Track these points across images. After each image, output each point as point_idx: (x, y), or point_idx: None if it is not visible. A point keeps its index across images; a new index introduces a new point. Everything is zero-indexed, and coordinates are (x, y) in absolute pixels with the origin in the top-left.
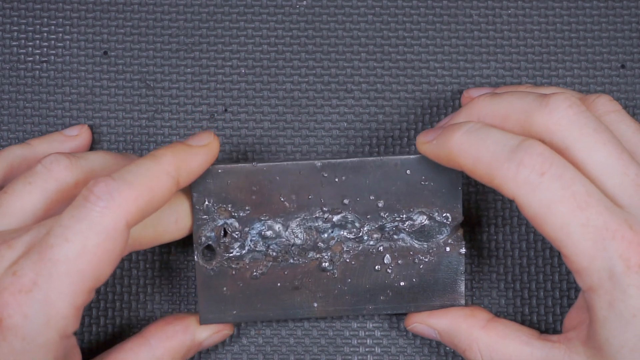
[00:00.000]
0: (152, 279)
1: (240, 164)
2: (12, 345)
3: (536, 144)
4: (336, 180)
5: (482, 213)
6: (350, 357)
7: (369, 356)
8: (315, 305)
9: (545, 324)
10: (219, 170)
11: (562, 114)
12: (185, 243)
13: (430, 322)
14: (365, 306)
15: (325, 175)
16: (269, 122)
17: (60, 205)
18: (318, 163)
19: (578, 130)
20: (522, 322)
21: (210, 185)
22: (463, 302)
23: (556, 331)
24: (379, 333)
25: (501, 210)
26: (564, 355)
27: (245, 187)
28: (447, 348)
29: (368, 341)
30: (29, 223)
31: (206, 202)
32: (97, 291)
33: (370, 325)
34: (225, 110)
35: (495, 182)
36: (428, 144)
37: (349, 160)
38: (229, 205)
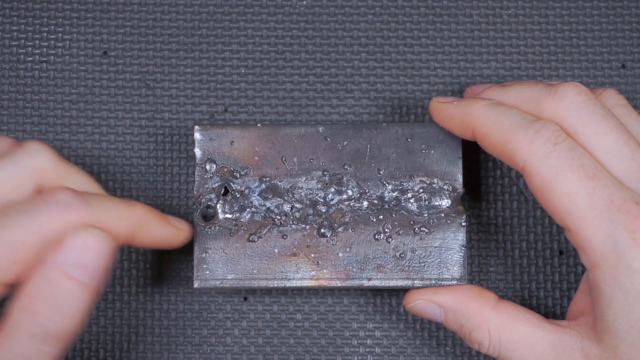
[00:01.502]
0: (152, 279)
1: (244, 125)
2: None
3: (553, 123)
4: (338, 145)
5: (483, 213)
6: (350, 357)
7: (369, 356)
8: (313, 273)
9: (545, 316)
10: (224, 130)
11: (571, 101)
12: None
13: (436, 299)
14: (363, 278)
15: (328, 139)
16: (269, 122)
17: None
18: (321, 128)
19: (587, 116)
20: None
21: (214, 144)
22: (465, 277)
23: None
24: (379, 333)
25: (501, 210)
26: (576, 339)
27: (248, 148)
28: (448, 348)
29: (368, 341)
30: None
31: (208, 161)
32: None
33: (371, 326)
34: (225, 110)
35: (508, 146)
36: (446, 104)
37: (351, 125)
38: (231, 165)
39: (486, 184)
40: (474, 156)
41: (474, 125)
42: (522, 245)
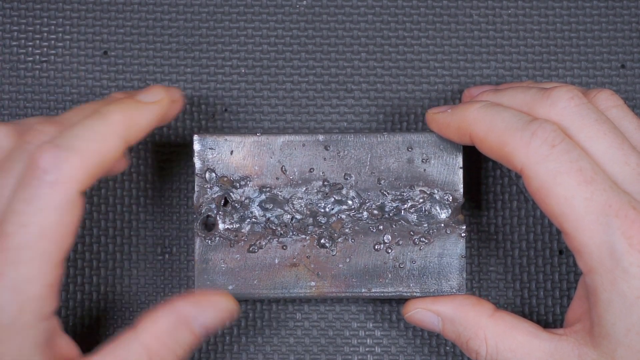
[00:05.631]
0: (152, 279)
1: (244, 134)
2: None
3: (550, 122)
4: (338, 155)
5: (483, 213)
6: (350, 357)
7: (369, 356)
8: (313, 284)
9: (545, 324)
10: (224, 140)
11: (563, 105)
12: (186, 242)
13: (434, 308)
14: (363, 289)
15: (328, 149)
16: (269, 122)
17: None
18: (321, 137)
19: (580, 121)
20: None
21: (214, 154)
22: (465, 287)
23: None
24: (379, 333)
25: (501, 210)
26: (573, 347)
27: (248, 158)
28: (448, 347)
29: (368, 341)
30: None
31: (208, 171)
32: (97, 291)
33: (370, 325)
34: (225, 110)
35: (506, 149)
36: (441, 113)
37: (351, 135)
38: (231, 175)
39: (486, 183)
40: (474, 156)
41: (470, 130)
42: (521, 245)
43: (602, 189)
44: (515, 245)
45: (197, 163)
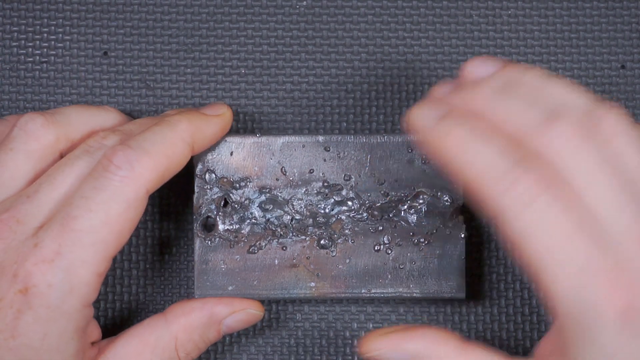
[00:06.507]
0: (152, 279)
1: (244, 135)
2: (37, 314)
3: (534, 172)
4: (339, 156)
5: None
6: (350, 357)
7: None
8: (313, 285)
9: (546, 324)
10: (224, 140)
11: (562, 145)
12: (186, 243)
13: (406, 347)
14: (363, 289)
15: (328, 150)
16: (269, 123)
17: (47, 163)
18: (321, 138)
19: (575, 165)
20: (522, 323)
21: (214, 155)
22: (464, 288)
23: None
24: None
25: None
26: None
27: (248, 159)
28: None
29: None
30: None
31: (208, 172)
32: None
33: (371, 326)
34: None
35: (479, 195)
36: (421, 126)
37: (351, 136)
38: (231, 176)
39: None
40: None
41: (445, 158)
42: None
43: (585, 244)
44: None
45: (197, 164)
